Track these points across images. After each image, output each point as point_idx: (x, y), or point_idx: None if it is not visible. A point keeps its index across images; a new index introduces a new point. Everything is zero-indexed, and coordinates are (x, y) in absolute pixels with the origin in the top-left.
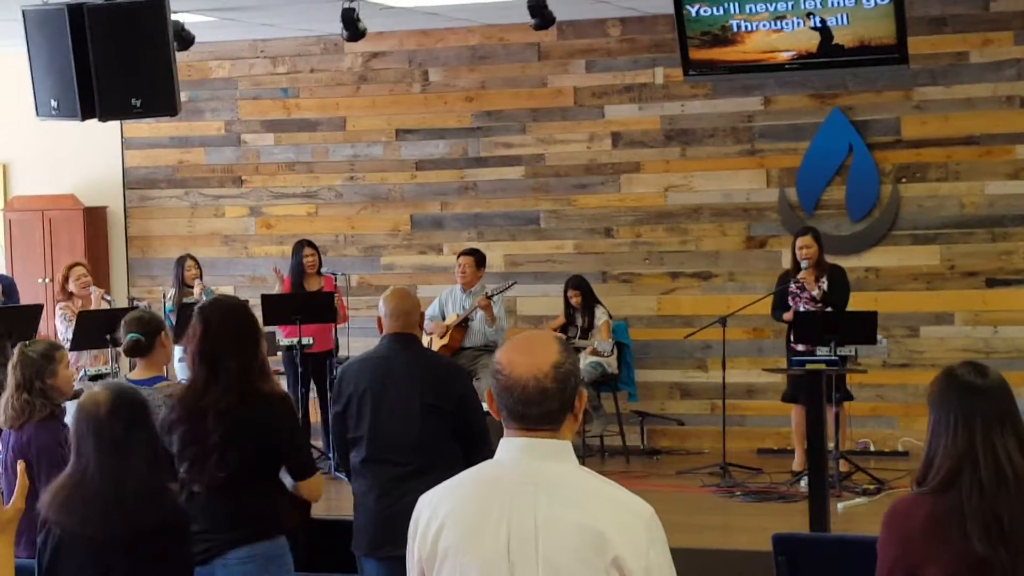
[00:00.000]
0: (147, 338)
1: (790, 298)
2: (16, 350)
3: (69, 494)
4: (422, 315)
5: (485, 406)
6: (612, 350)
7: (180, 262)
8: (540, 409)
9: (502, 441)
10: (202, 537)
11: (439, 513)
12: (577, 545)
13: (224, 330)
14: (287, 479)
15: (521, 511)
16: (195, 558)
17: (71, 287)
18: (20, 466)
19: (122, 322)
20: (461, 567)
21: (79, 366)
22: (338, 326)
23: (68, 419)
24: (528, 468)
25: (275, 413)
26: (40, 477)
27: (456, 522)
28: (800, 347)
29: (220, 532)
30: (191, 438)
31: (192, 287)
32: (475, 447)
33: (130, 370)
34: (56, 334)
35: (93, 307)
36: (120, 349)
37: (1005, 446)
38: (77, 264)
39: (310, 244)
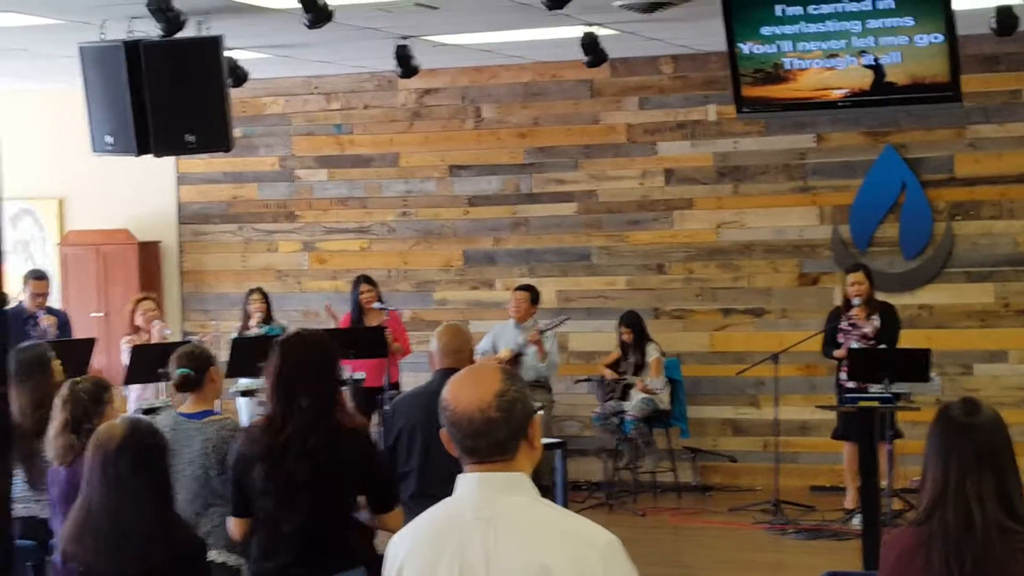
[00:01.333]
0: (197, 373)
1: (841, 335)
2: (66, 386)
3: (79, 528)
4: (472, 351)
5: (543, 440)
6: (664, 386)
7: (248, 295)
8: (488, 440)
9: (459, 477)
10: (286, 571)
11: (400, 554)
12: None
13: (300, 364)
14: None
15: (472, 547)
16: None
17: (138, 321)
18: None
19: (174, 355)
20: None
21: (144, 398)
22: (400, 359)
23: None
24: (482, 503)
25: (355, 447)
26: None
27: (413, 562)
28: (850, 384)
29: (305, 566)
30: (274, 475)
31: (252, 319)
32: None
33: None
34: (118, 367)
35: (155, 341)
36: (170, 383)
37: (978, 488)
38: (146, 298)
39: (368, 280)
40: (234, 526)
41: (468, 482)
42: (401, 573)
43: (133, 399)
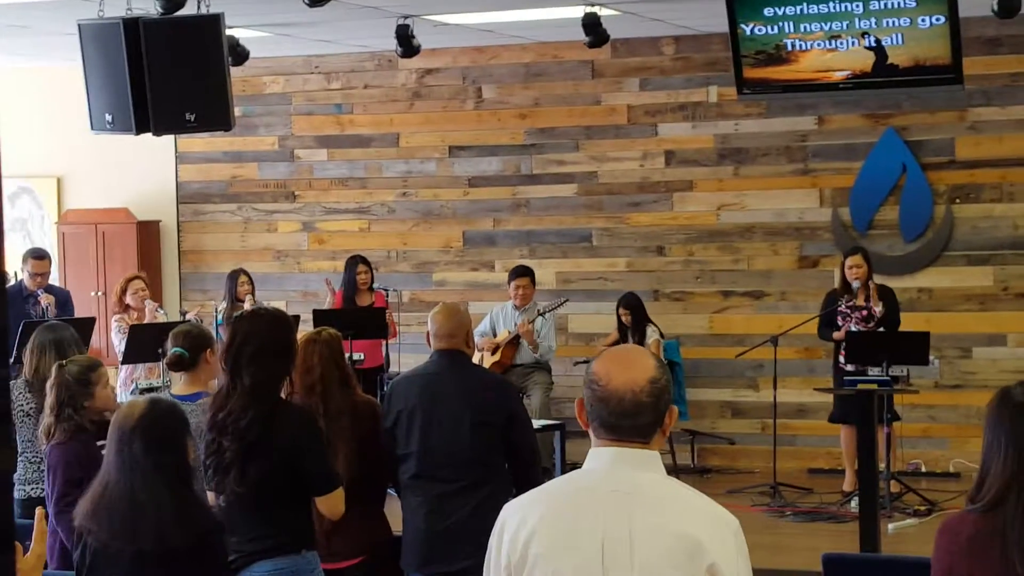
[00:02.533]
0: (192, 353)
1: (840, 318)
2: (55, 368)
3: (96, 503)
4: (469, 332)
5: (543, 422)
6: None
7: (233, 276)
8: (634, 422)
9: (592, 450)
10: (234, 547)
11: (529, 520)
12: (673, 552)
13: (249, 342)
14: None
15: (615, 519)
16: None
17: (128, 300)
18: (38, 512)
19: (171, 335)
20: (553, 573)
21: (134, 378)
22: (388, 342)
23: None
24: (620, 477)
25: (292, 428)
26: (49, 494)
27: (548, 529)
28: (849, 367)
29: (245, 544)
30: (212, 449)
31: (243, 302)
32: (524, 464)
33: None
34: (112, 346)
35: (147, 321)
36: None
37: None
38: (136, 277)
39: (364, 261)
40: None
41: (603, 456)
42: (532, 539)
43: (121, 378)
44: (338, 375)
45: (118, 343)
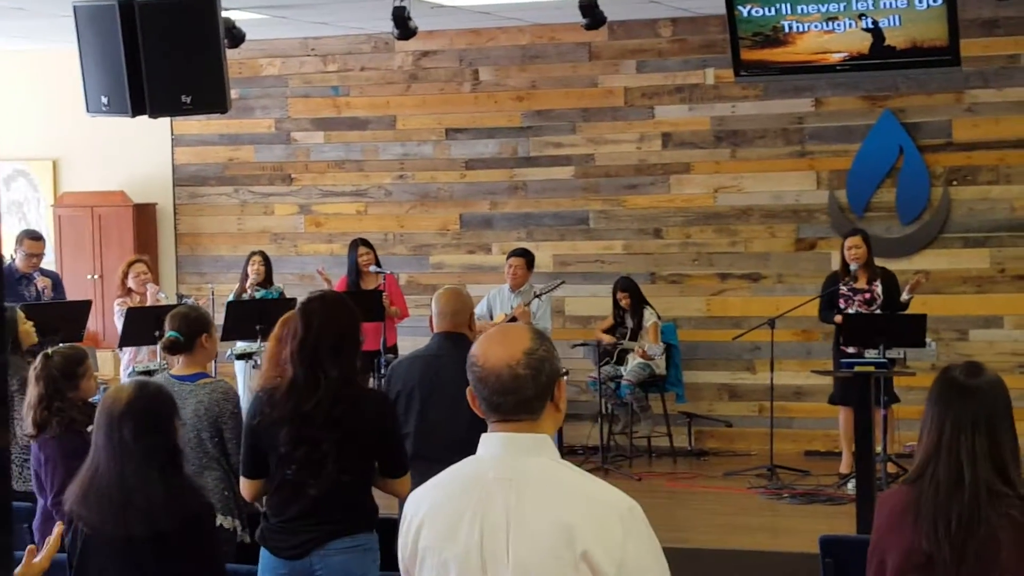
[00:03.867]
0: (187, 338)
1: (841, 300)
2: (39, 359)
3: (86, 488)
4: (472, 314)
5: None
6: (661, 352)
7: (248, 257)
8: (515, 398)
9: (483, 436)
10: (303, 529)
11: (419, 513)
12: (546, 541)
13: (326, 330)
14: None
15: (494, 508)
16: (290, 552)
17: (130, 283)
18: (57, 529)
19: (168, 317)
20: (439, 566)
21: (137, 360)
22: (398, 323)
23: None
24: (505, 463)
25: (376, 412)
26: (47, 487)
27: (433, 521)
28: (849, 349)
29: (324, 524)
30: (300, 441)
31: (249, 279)
32: None
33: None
34: (109, 330)
35: (148, 304)
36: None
37: (972, 449)
38: (138, 260)
39: (365, 243)
40: (247, 487)
41: (492, 442)
42: (420, 531)
43: (126, 361)
44: None
45: (120, 326)
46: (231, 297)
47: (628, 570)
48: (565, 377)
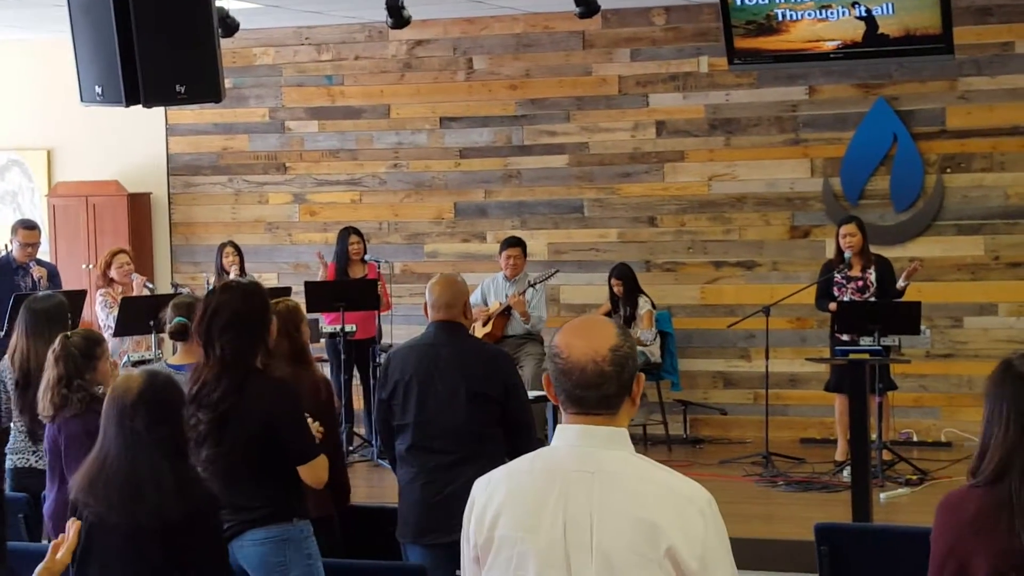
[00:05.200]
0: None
1: (836, 288)
2: (58, 341)
3: (94, 477)
4: (468, 303)
5: (534, 393)
6: (654, 339)
7: (220, 249)
8: (598, 393)
9: (558, 428)
10: (226, 516)
11: (495, 500)
12: (631, 535)
13: (220, 313)
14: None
15: (576, 500)
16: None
17: (112, 273)
18: (75, 525)
19: (170, 305)
20: (518, 556)
21: (123, 351)
22: (381, 314)
23: None
24: (585, 455)
25: (272, 398)
26: (69, 467)
27: (512, 510)
28: (844, 336)
29: (238, 513)
30: (191, 422)
31: (229, 273)
32: (520, 435)
33: (172, 354)
34: (96, 319)
35: (134, 294)
36: (164, 334)
37: None
38: (121, 251)
39: (356, 232)
40: None
41: (569, 433)
42: (498, 519)
43: (110, 350)
44: (288, 347)
45: (104, 316)
46: (209, 289)
47: (707, 563)
48: (642, 374)
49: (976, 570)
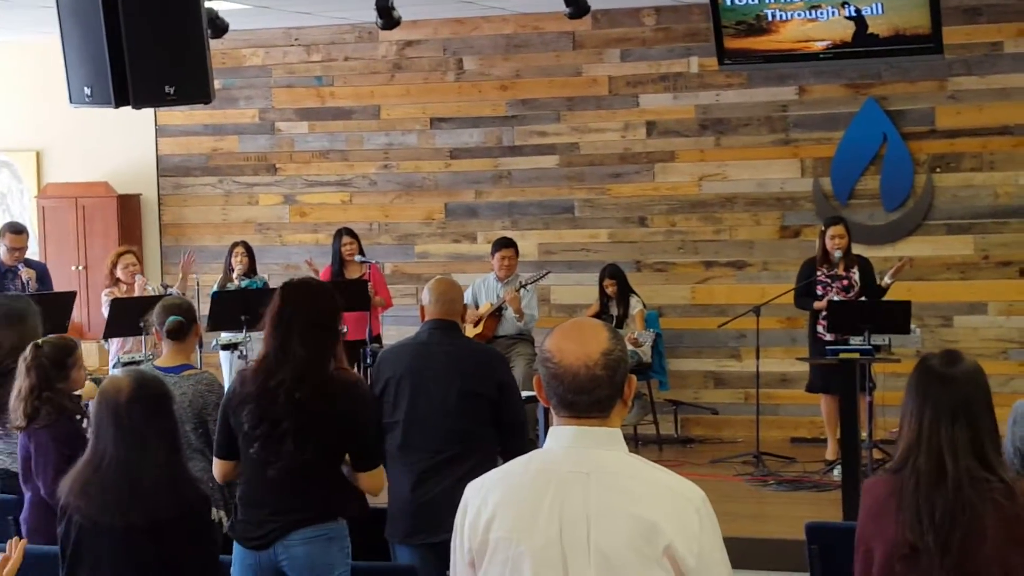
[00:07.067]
0: (188, 323)
1: (820, 287)
2: (29, 349)
3: (87, 480)
4: (465, 306)
5: (526, 393)
6: (652, 340)
7: (231, 248)
8: (591, 397)
9: (552, 429)
10: (268, 519)
11: (489, 503)
12: (628, 534)
13: (299, 310)
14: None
15: (572, 500)
16: (255, 542)
17: (119, 274)
18: (19, 544)
19: (160, 306)
20: (514, 558)
21: (124, 350)
22: (382, 313)
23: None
24: (579, 456)
25: (347, 401)
26: (38, 474)
27: (507, 512)
28: (827, 336)
29: (285, 513)
30: (262, 418)
31: (234, 271)
32: (512, 435)
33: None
34: (94, 320)
35: (136, 295)
36: (154, 333)
37: (952, 439)
38: (127, 251)
39: (349, 232)
40: (218, 467)
41: (563, 435)
42: (492, 522)
43: (113, 352)
44: None
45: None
46: (215, 288)
47: (704, 560)
48: (633, 376)
49: (877, 555)
